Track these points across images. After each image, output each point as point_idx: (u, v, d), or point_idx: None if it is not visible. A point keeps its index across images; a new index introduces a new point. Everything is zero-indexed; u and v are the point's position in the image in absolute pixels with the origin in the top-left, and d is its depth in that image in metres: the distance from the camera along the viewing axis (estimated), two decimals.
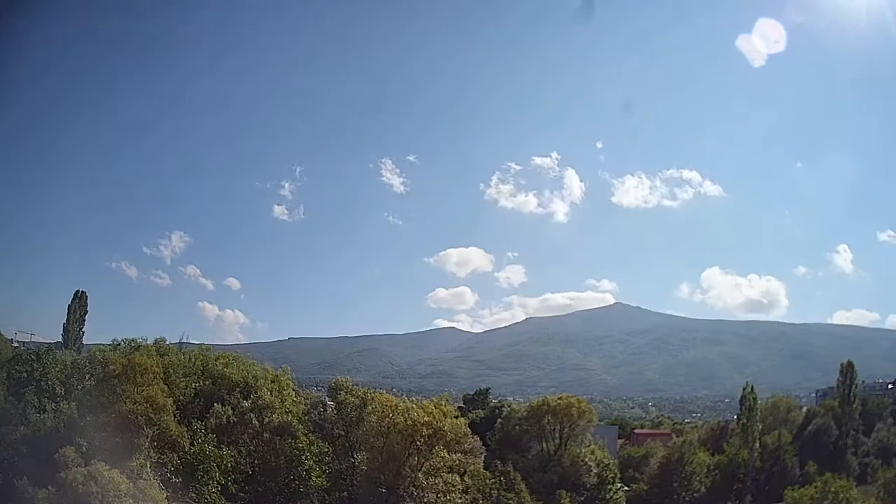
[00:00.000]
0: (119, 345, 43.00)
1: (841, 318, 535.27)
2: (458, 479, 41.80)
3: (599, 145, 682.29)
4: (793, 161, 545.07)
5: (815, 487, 46.38)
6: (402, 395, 65.83)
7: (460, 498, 41.54)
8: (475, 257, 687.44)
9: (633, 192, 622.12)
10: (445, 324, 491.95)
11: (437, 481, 40.66)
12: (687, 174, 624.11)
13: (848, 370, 73.01)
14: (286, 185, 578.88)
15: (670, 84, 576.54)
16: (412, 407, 41.60)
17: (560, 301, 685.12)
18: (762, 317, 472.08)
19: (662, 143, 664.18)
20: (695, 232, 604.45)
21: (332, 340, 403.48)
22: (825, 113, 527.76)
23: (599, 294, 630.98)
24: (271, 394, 42.61)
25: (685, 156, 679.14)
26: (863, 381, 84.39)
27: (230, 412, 40.37)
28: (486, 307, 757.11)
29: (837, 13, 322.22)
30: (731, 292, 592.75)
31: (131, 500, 30.73)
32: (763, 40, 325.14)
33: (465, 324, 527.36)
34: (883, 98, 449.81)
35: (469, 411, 65.19)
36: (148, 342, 43.00)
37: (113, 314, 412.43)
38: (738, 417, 71.41)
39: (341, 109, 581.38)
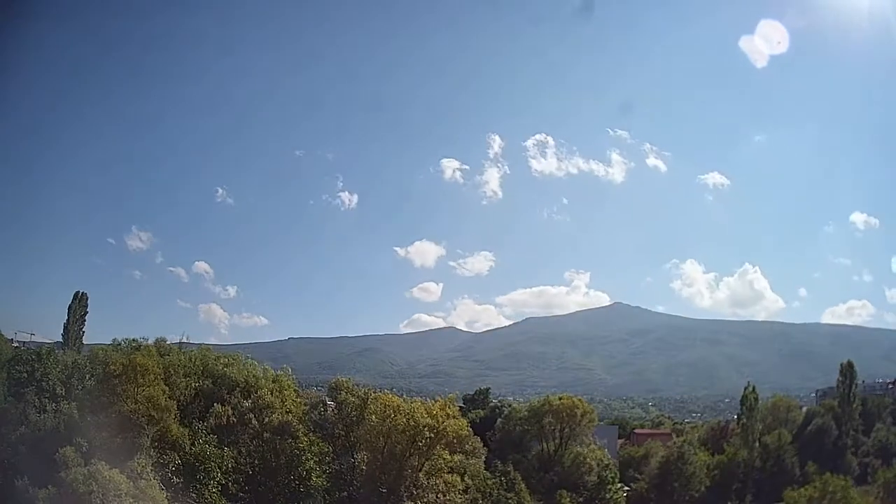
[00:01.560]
0: (120, 345, 42.99)
1: (841, 317, 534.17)
2: (458, 479, 41.86)
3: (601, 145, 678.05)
4: (793, 158, 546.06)
5: (815, 487, 46.35)
6: (402, 395, 65.84)
7: (460, 498, 41.63)
8: (429, 249, 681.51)
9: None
10: (426, 318, 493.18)
11: (437, 482, 40.71)
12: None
13: (848, 370, 73.13)
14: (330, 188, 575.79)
15: (671, 84, 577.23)
16: (416, 408, 41.50)
17: (521, 297, 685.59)
18: (760, 316, 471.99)
19: (664, 139, 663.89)
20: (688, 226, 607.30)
21: (332, 340, 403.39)
22: (826, 113, 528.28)
23: (565, 287, 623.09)
24: (271, 394, 42.58)
25: (684, 150, 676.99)
26: (863, 381, 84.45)
27: (230, 412, 40.36)
28: (449, 299, 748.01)
29: (840, 16, 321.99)
30: (707, 284, 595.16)
31: (132, 501, 30.73)
32: (765, 41, 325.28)
33: (435, 316, 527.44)
34: (884, 99, 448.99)
35: (469, 411, 65.22)
36: (149, 342, 43.02)
37: (112, 314, 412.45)
38: (738, 417, 71.48)
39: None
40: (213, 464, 37.22)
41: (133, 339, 43.06)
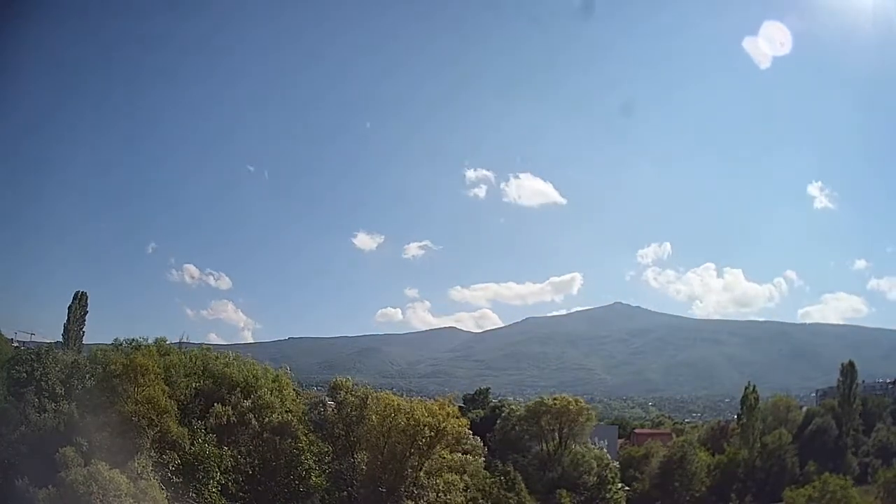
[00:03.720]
0: (121, 344, 42.95)
1: (840, 316, 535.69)
2: (458, 478, 41.84)
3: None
4: (793, 158, 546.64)
5: (814, 487, 46.37)
6: (402, 395, 65.89)
7: (460, 497, 41.60)
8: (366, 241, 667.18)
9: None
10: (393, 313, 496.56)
11: (437, 481, 40.71)
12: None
13: (849, 370, 73.23)
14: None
15: (673, 85, 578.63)
16: (416, 407, 41.48)
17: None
18: (761, 317, 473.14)
19: (666, 146, 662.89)
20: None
21: (333, 340, 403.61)
22: (827, 114, 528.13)
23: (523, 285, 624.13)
24: (271, 393, 42.53)
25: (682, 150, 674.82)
26: (863, 381, 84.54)
27: (230, 412, 40.26)
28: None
29: (843, 18, 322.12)
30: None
31: (132, 501, 30.68)
32: (769, 42, 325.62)
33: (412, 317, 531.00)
34: (885, 100, 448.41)
35: (469, 411, 65.17)
36: (149, 342, 42.96)
37: (112, 314, 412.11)
38: (738, 417, 71.58)
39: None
40: (212, 463, 37.15)
41: (133, 339, 43.02)
